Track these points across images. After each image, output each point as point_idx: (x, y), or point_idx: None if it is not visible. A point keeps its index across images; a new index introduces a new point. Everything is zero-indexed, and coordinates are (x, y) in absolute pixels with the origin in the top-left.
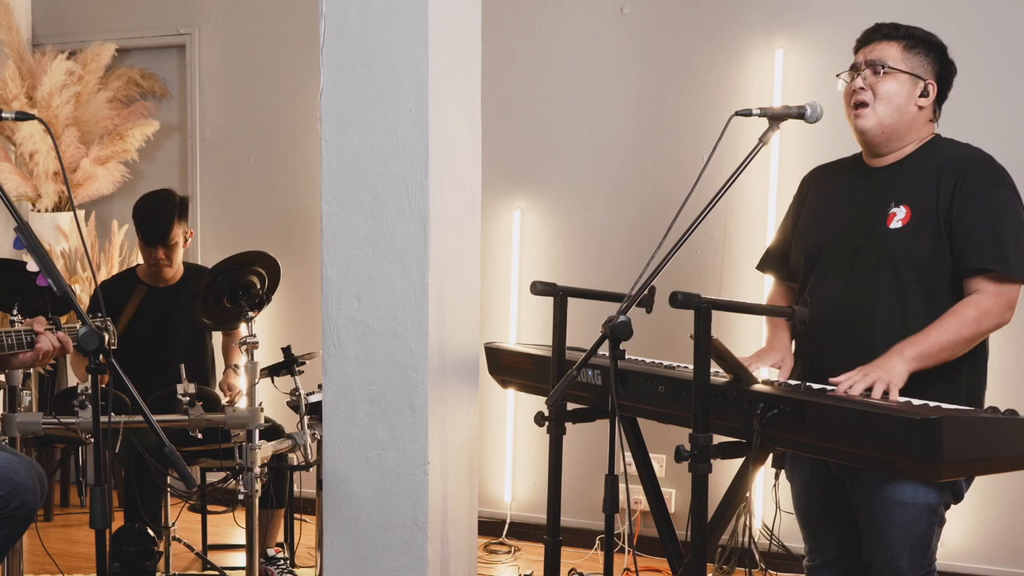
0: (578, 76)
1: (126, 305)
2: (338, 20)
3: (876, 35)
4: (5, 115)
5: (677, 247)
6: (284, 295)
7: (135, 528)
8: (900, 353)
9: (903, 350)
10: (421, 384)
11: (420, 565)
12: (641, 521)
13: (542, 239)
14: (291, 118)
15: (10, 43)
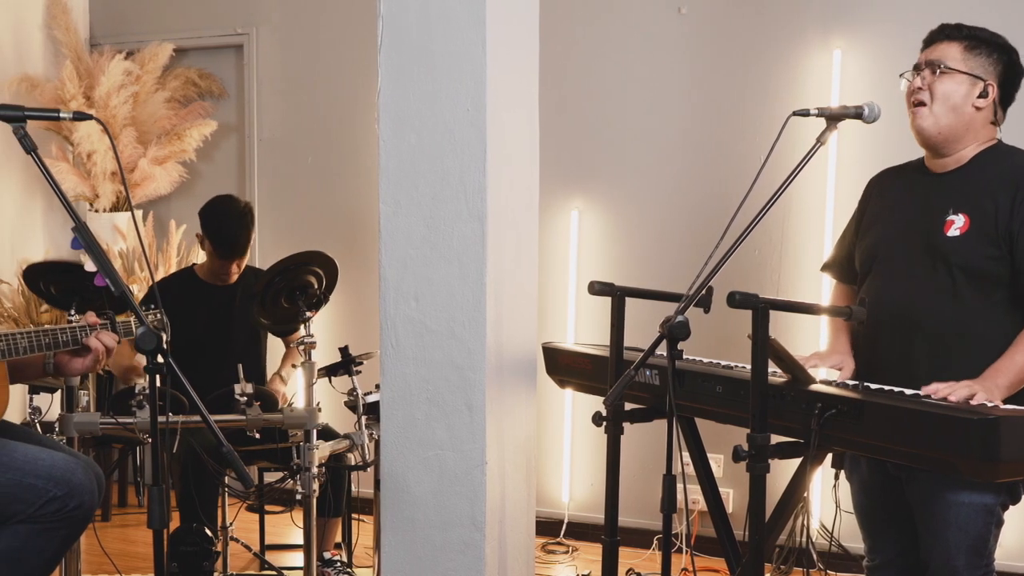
0: (636, 76)
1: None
2: (396, 20)
3: (939, 35)
4: (63, 115)
5: (735, 247)
6: (341, 295)
7: (193, 528)
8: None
9: (996, 378)
10: (479, 384)
11: (478, 565)
12: (699, 521)
13: (600, 239)
14: (349, 118)
15: (68, 43)
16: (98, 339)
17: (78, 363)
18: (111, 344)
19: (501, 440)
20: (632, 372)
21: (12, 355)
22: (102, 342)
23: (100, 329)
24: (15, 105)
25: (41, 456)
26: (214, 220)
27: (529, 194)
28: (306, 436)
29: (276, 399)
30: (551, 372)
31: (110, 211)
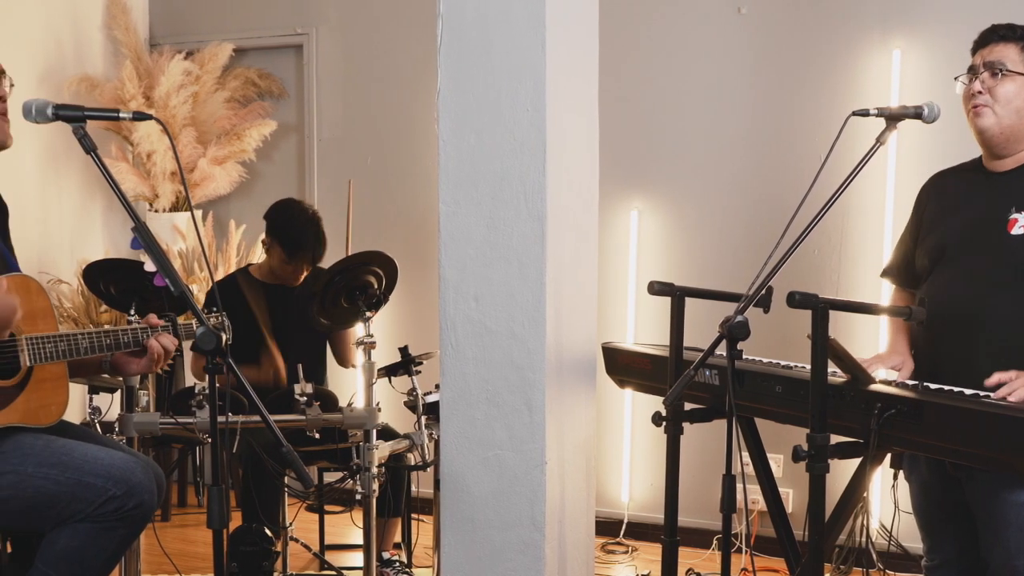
0: (695, 76)
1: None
2: (455, 20)
3: (993, 36)
4: (123, 115)
5: (794, 247)
6: (401, 295)
7: (252, 528)
8: None
9: None
10: (539, 384)
11: (537, 565)
12: (758, 521)
13: (659, 239)
14: (408, 118)
15: (127, 43)
16: (157, 341)
17: (135, 364)
18: (170, 347)
19: (561, 440)
20: (692, 372)
21: (73, 355)
22: (161, 344)
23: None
24: (75, 105)
25: (100, 455)
26: (287, 226)
27: (589, 194)
28: (366, 436)
29: (336, 398)
30: (611, 372)
31: (170, 211)
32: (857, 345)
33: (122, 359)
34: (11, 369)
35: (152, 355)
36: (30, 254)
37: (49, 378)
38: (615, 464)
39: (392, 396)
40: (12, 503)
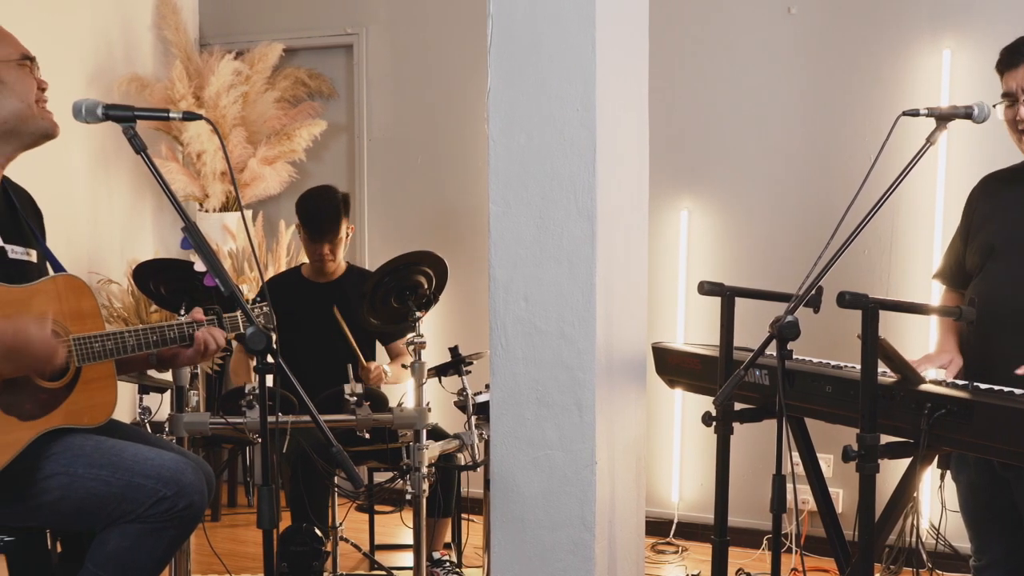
0: (745, 76)
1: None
2: (505, 20)
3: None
4: (173, 115)
5: (844, 247)
6: (451, 295)
7: (302, 528)
8: None
9: None
10: (589, 384)
11: (587, 565)
12: (808, 521)
13: (709, 239)
14: (458, 118)
15: (177, 43)
16: (208, 333)
17: (182, 355)
18: (220, 339)
19: (611, 440)
20: (742, 372)
21: (120, 354)
22: (212, 336)
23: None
24: (125, 105)
25: (151, 456)
26: (303, 203)
27: (639, 194)
28: (416, 436)
29: (386, 399)
30: (661, 372)
31: (219, 211)
32: (907, 345)
33: (169, 351)
34: (59, 370)
35: (199, 347)
36: (80, 254)
37: (97, 378)
38: (665, 464)
39: (442, 396)
40: (63, 504)
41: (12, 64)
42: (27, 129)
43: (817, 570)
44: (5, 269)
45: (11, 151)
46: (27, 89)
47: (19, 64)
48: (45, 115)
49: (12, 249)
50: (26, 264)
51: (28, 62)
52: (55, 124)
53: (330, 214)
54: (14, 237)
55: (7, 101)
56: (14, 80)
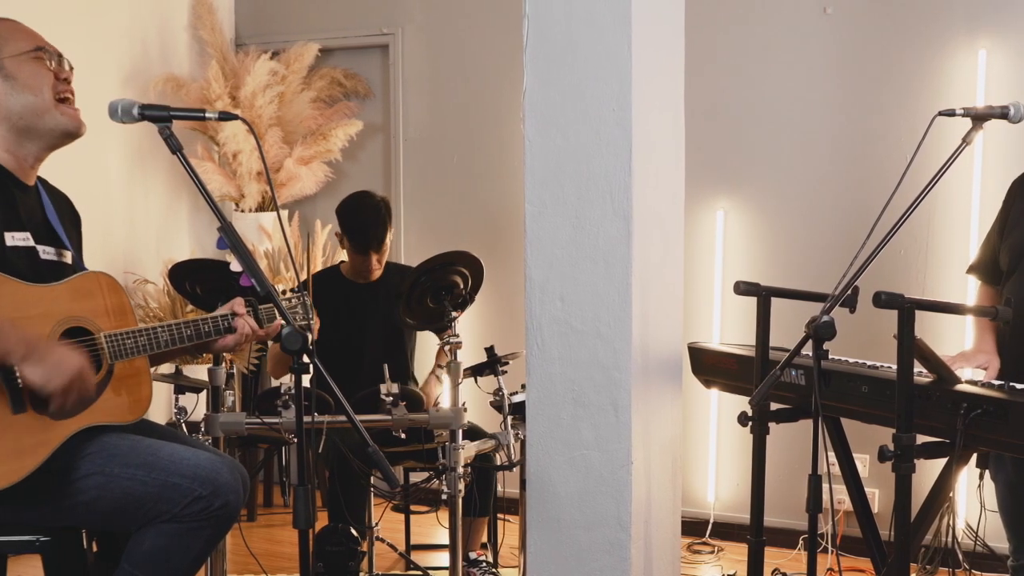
0: (781, 76)
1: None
2: (541, 20)
3: None
4: (209, 115)
5: (880, 247)
6: (487, 295)
7: (338, 528)
8: None
9: None
10: (625, 384)
11: (624, 565)
12: (844, 521)
13: (745, 239)
14: (494, 118)
15: (213, 43)
16: (246, 321)
17: (221, 340)
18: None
19: (647, 440)
20: (778, 372)
21: (154, 349)
22: (249, 325)
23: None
24: (161, 105)
25: (186, 456)
26: (349, 215)
27: (674, 194)
28: (452, 436)
29: (421, 398)
30: (696, 372)
31: (256, 211)
32: (943, 345)
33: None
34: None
35: (241, 334)
36: (116, 254)
37: (131, 374)
38: (701, 464)
39: (478, 396)
40: (99, 504)
41: (24, 58)
42: (44, 125)
43: (853, 570)
44: (36, 269)
45: (36, 150)
46: (41, 83)
47: (33, 57)
48: (65, 110)
49: (44, 250)
50: (58, 265)
51: (43, 53)
52: (80, 121)
53: (378, 228)
54: (46, 238)
55: (19, 96)
56: (27, 74)
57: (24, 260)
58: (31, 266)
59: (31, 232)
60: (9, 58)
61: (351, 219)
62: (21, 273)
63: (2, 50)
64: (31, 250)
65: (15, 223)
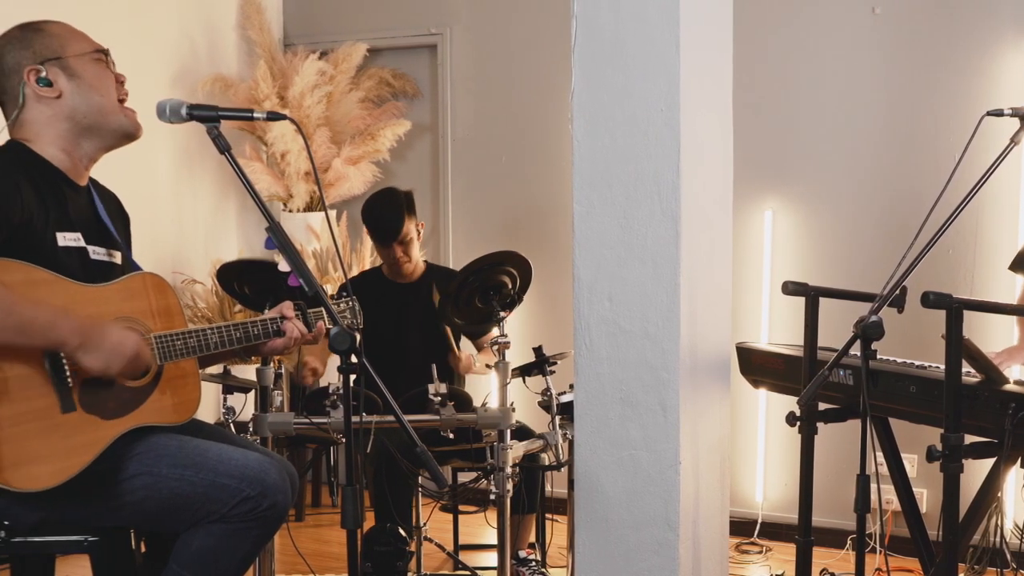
0: (829, 75)
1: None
2: (590, 20)
3: None
4: (257, 115)
5: (929, 247)
6: (535, 295)
7: (386, 528)
8: None
9: None
10: (673, 384)
11: (672, 565)
12: (893, 521)
13: (793, 239)
14: (542, 118)
15: (262, 43)
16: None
17: (270, 343)
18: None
19: (695, 440)
20: (826, 372)
21: (203, 351)
22: (297, 328)
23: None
24: (209, 105)
25: (235, 456)
26: (366, 210)
27: (723, 194)
28: (500, 436)
29: (470, 398)
30: (745, 372)
31: (304, 211)
32: (991, 344)
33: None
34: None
35: (290, 338)
36: (164, 254)
37: (180, 376)
38: (749, 464)
39: (526, 396)
40: (147, 504)
41: (87, 58)
42: (108, 125)
43: (901, 570)
44: (87, 270)
45: (93, 150)
46: (107, 84)
47: (94, 59)
48: (127, 112)
49: (94, 250)
50: (109, 265)
51: (103, 56)
52: (138, 124)
53: (393, 217)
54: (96, 239)
55: (86, 95)
56: (92, 74)
57: (75, 260)
58: (82, 266)
59: (82, 233)
60: (73, 57)
61: (368, 214)
62: (72, 273)
63: (65, 49)
64: (82, 251)
65: (66, 224)
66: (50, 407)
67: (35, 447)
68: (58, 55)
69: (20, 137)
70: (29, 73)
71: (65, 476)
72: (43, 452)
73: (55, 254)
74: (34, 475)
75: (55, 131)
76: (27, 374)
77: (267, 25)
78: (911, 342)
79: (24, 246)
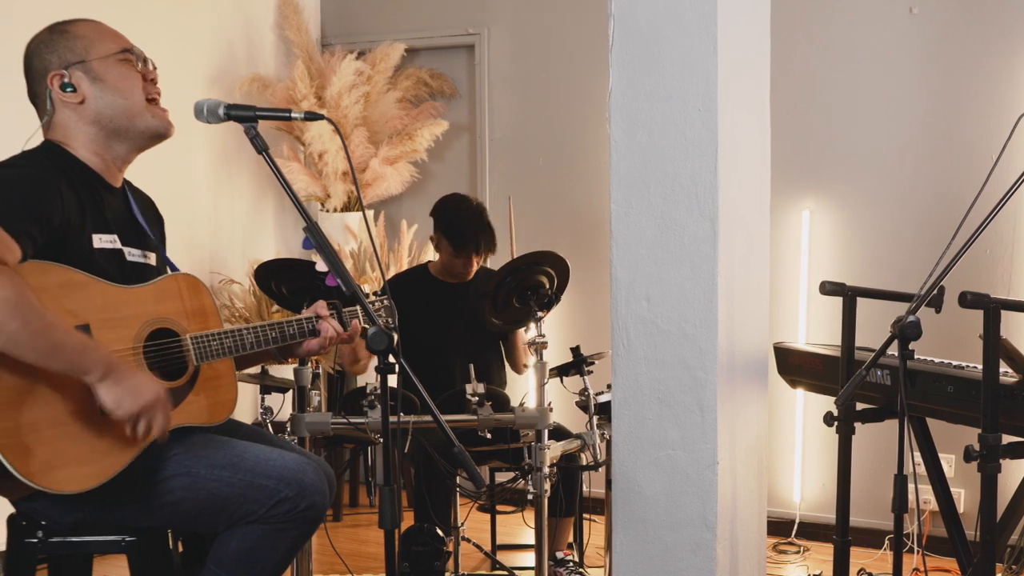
0: (866, 76)
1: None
2: (627, 20)
3: None
4: (295, 115)
5: (966, 247)
6: (573, 295)
7: (424, 528)
8: None
9: None
10: (711, 384)
11: (709, 565)
12: (930, 521)
13: (831, 239)
14: (579, 118)
15: (299, 43)
16: (330, 324)
17: (306, 343)
18: (341, 331)
19: (733, 440)
20: (863, 372)
21: (239, 351)
22: (333, 328)
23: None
24: (247, 105)
25: (272, 456)
26: (452, 217)
27: (760, 194)
28: (537, 436)
29: (507, 398)
30: (782, 372)
31: (341, 211)
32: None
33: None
34: (178, 370)
35: (325, 338)
36: (202, 254)
37: (217, 376)
38: (787, 464)
39: (564, 396)
40: (185, 505)
41: (112, 60)
42: (136, 127)
43: (939, 570)
44: (123, 271)
45: (125, 152)
46: (131, 85)
47: (121, 59)
48: (156, 112)
49: (129, 252)
50: (144, 267)
51: (130, 55)
52: (169, 123)
53: (488, 234)
54: (132, 240)
55: (110, 98)
56: (116, 76)
57: (112, 262)
58: (118, 268)
59: (118, 234)
60: (97, 60)
61: (455, 221)
62: (109, 275)
63: (89, 52)
64: (118, 252)
65: (103, 225)
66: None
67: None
68: (81, 59)
69: (54, 139)
70: (53, 78)
71: (103, 478)
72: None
73: (91, 256)
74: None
75: (84, 135)
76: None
77: (305, 25)
78: (949, 342)
79: (61, 248)
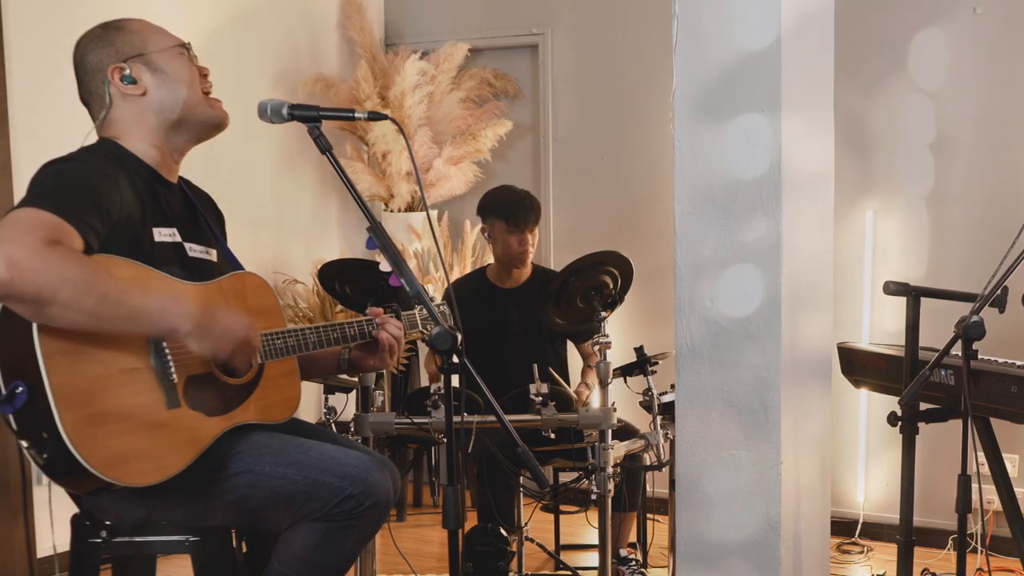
0: (929, 75)
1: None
2: (691, 20)
3: None
4: (358, 115)
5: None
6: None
7: (488, 528)
8: None
9: None
10: (774, 384)
11: (773, 565)
12: (994, 521)
13: (895, 239)
14: (643, 118)
15: (363, 43)
16: (385, 331)
17: (370, 359)
18: (397, 333)
19: (796, 440)
20: (927, 372)
21: (301, 351)
22: (389, 333)
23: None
24: (310, 105)
25: (337, 455)
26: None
27: (824, 194)
28: (601, 436)
29: (572, 397)
30: (846, 372)
31: (405, 211)
32: None
33: (358, 356)
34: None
35: (384, 347)
36: (265, 255)
37: (280, 374)
38: (850, 464)
39: (628, 396)
40: (249, 502)
41: (170, 52)
42: (196, 118)
43: (1003, 570)
44: (186, 266)
45: (182, 143)
46: (191, 77)
47: (176, 53)
48: (212, 103)
49: (191, 247)
50: (206, 263)
51: (185, 50)
52: (225, 114)
53: (532, 203)
54: (193, 235)
55: (172, 90)
56: (176, 68)
57: (174, 256)
58: (181, 263)
59: (177, 228)
60: (156, 53)
61: (501, 201)
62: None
63: (147, 45)
64: (178, 246)
65: (161, 219)
66: (156, 403)
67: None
68: (140, 52)
69: (110, 135)
70: (113, 72)
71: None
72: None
73: (153, 250)
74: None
75: (144, 127)
76: (133, 369)
77: (368, 25)
78: (1013, 342)
79: (124, 242)
